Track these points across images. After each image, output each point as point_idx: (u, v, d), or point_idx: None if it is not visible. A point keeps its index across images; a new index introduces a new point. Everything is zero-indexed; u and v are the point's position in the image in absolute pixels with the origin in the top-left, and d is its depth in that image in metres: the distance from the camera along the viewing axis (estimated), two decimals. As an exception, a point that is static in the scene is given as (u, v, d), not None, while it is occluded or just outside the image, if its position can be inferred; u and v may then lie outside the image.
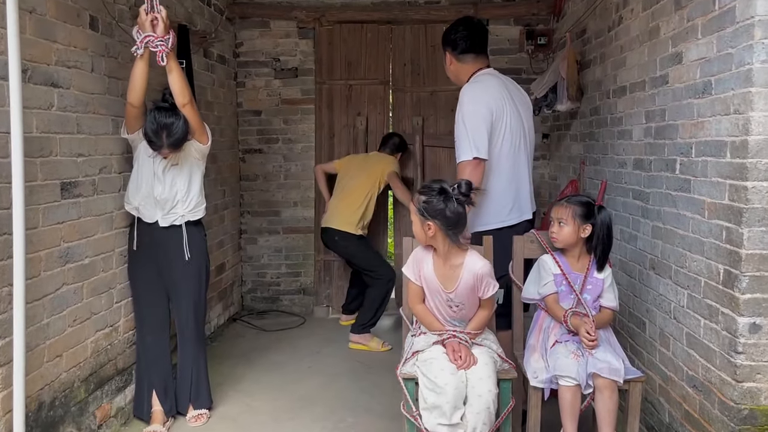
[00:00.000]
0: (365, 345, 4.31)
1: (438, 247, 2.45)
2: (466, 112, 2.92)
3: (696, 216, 2.47)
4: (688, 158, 2.54)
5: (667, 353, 2.74)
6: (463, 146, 2.88)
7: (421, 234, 2.43)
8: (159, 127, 2.78)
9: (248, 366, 3.93)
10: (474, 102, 2.94)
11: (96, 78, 2.87)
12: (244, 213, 5.20)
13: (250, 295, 5.27)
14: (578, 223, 2.57)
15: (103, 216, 2.94)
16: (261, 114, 5.12)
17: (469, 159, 2.85)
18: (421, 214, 2.39)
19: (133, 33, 2.63)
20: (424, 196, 2.39)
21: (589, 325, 2.44)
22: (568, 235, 2.58)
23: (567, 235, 2.58)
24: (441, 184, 2.40)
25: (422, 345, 2.44)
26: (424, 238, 2.44)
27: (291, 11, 4.95)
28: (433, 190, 2.39)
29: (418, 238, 2.49)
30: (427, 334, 2.49)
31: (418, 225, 2.43)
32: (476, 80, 3.08)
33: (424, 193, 2.41)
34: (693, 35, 2.49)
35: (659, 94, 2.84)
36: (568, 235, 2.58)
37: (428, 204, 2.37)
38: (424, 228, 2.40)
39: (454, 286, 2.44)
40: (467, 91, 3.00)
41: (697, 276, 2.46)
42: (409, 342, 2.57)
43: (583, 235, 2.58)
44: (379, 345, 4.30)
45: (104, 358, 2.95)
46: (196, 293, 3.10)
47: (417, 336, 2.52)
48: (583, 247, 2.64)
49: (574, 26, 4.18)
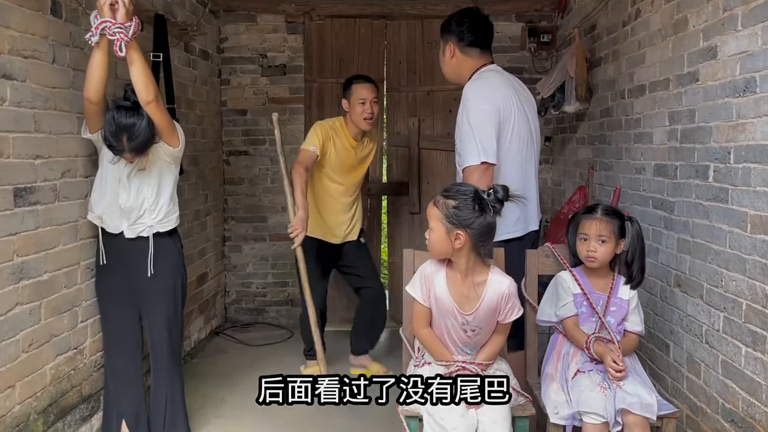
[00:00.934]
0: (365, 370, 3.79)
1: (459, 261, 2.13)
2: (471, 111, 2.61)
3: (735, 230, 2.19)
4: (724, 164, 2.27)
5: (696, 381, 2.46)
6: (469, 149, 2.58)
7: (445, 245, 2.09)
8: (118, 129, 2.46)
9: (231, 387, 3.62)
10: (480, 99, 2.64)
11: (58, 70, 2.55)
12: (228, 219, 4.88)
13: (234, 307, 4.95)
14: (616, 239, 2.29)
15: (66, 225, 2.62)
16: (246, 113, 4.80)
17: (476, 164, 2.55)
18: (450, 221, 2.07)
19: (91, 18, 2.32)
20: (454, 200, 2.07)
21: (615, 353, 2.16)
22: (609, 254, 2.31)
23: (607, 254, 2.30)
24: (473, 188, 2.11)
25: (427, 379, 2.12)
26: (446, 249, 2.11)
27: (279, 4, 4.64)
28: (465, 195, 2.08)
29: (436, 250, 2.13)
30: (432, 364, 2.17)
31: (441, 234, 2.08)
32: (480, 77, 2.78)
33: (453, 197, 2.08)
34: (731, 27, 2.22)
35: (687, 93, 2.56)
36: (608, 253, 2.30)
37: (459, 210, 2.05)
38: (451, 238, 2.07)
39: (473, 307, 2.13)
40: (472, 87, 2.70)
41: (737, 297, 2.18)
42: (411, 371, 2.24)
43: (619, 251, 2.31)
44: (380, 371, 3.78)
45: (66, 385, 2.63)
46: (170, 311, 2.78)
47: (420, 367, 2.20)
48: (607, 264, 2.36)
49: (582, 22, 3.91)
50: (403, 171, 4.78)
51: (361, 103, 3.46)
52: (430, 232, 2.13)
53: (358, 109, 3.47)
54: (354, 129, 3.55)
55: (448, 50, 2.83)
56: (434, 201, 2.13)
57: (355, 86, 3.52)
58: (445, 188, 2.16)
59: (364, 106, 3.46)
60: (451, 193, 2.11)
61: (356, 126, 3.52)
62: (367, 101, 3.46)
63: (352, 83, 3.55)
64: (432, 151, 4.75)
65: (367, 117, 3.47)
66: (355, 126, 3.53)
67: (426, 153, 4.76)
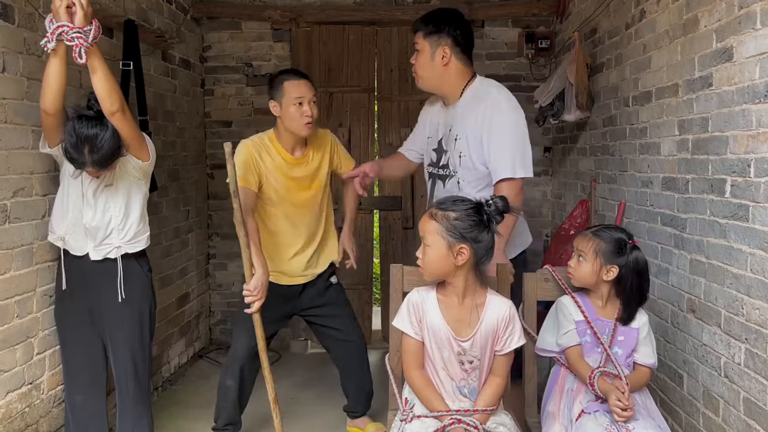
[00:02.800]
0: (360, 430, 3.23)
1: (457, 282, 1.93)
2: (513, 119, 2.47)
3: (758, 251, 1.96)
4: (743, 178, 2.04)
5: (715, 419, 2.22)
6: (510, 160, 2.42)
7: (444, 263, 1.89)
8: (79, 140, 2.24)
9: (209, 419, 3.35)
10: (518, 109, 2.52)
11: (10, 79, 2.33)
12: (213, 236, 4.65)
13: (218, 328, 4.70)
14: (601, 261, 2.05)
15: (18, 249, 2.39)
16: (231, 125, 4.58)
17: (517, 177, 2.42)
18: (452, 235, 1.86)
19: (46, 23, 2.09)
20: (454, 212, 1.88)
21: (621, 391, 1.92)
22: (586, 275, 2.08)
23: (584, 274, 2.09)
24: (473, 199, 1.93)
25: (416, 437, 1.86)
26: (445, 268, 1.90)
27: (264, 11, 4.42)
28: (466, 204, 1.90)
29: (433, 269, 1.92)
30: (422, 419, 1.92)
31: (442, 250, 1.87)
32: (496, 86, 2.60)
33: (451, 209, 1.89)
34: (749, 25, 1.99)
35: (699, 100, 2.34)
36: (585, 273, 2.08)
37: (462, 222, 1.86)
38: (453, 253, 1.87)
39: (471, 331, 1.93)
40: (507, 95, 2.54)
41: (761, 328, 1.94)
42: (397, 429, 1.97)
43: (606, 277, 2.07)
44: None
45: (20, 424, 2.39)
46: (136, 341, 2.54)
47: (408, 422, 1.93)
48: (611, 289, 2.12)
49: (582, 26, 3.69)
50: (396, 184, 4.55)
51: (297, 103, 2.72)
52: (427, 249, 1.91)
53: (293, 112, 2.72)
54: (289, 139, 2.82)
55: (441, 54, 2.57)
56: (430, 214, 1.91)
57: (288, 84, 2.75)
58: (439, 201, 1.98)
59: (302, 108, 2.72)
60: (448, 205, 1.91)
61: (292, 134, 2.79)
62: (304, 101, 2.73)
63: (283, 80, 2.77)
64: (426, 163, 4.52)
65: (308, 120, 2.74)
66: (290, 135, 2.80)
67: (420, 166, 4.52)
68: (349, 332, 3.06)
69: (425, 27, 2.60)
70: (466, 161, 2.55)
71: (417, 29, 2.63)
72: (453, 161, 2.62)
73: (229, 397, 2.94)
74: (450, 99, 2.66)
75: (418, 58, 2.62)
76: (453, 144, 2.60)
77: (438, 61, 2.58)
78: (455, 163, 2.60)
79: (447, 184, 2.65)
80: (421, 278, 2.06)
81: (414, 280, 2.20)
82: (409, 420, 1.93)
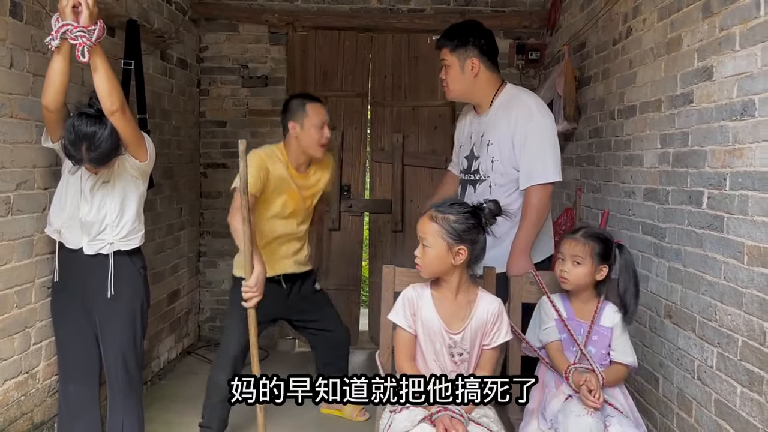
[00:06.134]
0: (338, 410, 3.46)
1: (452, 279, 2.06)
2: (545, 124, 2.56)
3: (731, 260, 2.07)
4: (719, 191, 2.15)
5: (688, 419, 2.33)
6: (543, 165, 2.51)
7: (443, 262, 2.02)
8: (78, 138, 2.28)
9: (197, 413, 3.40)
10: (548, 114, 2.63)
11: (16, 75, 2.39)
12: (204, 234, 4.71)
13: (208, 325, 4.76)
14: (595, 263, 2.16)
15: (20, 241, 2.45)
16: (226, 125, 4.65)
17: (550, 181, 2.52)
18: (452, 236, 1.99)
19: (52, 21, 2.16)
20: (453, 215, 2.00)
21: (588, 389, 2.01)
22: (582, 277, 2.18)
23: (581, 277, 2.18)
24: (470, 203, 2.07)
25: (405, 426, 1.95)
26: (443, 267, 2.03)
27: (262, 14, 4.50)
28: (463, 207, 2.03)
29: (431, 268, 2.05)
30: (411, 409, 2.01)
31: (441, 250, 2.00)
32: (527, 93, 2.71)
33: (450, 212, 2.01)
34: (728, 46, 2.11)
35: (680, 115, 2.45)
36: (582, 276, 2.18)
37: (461, 225, 2.00)
38: (452, 254, 2.00)
39: (462, 325, 2.05)
40: (534, 99, 2.65)
41: (732, 333, 2.05)
42: (386, 419, 2.06)
43: (599, 277, 2.18)
44: (355, 412, 3.44)
45: (16, 412, 2.44)
46: (127, 335, 2.58)
47: (398, 412, 2.03)
48: (593, 290, 2.23)
49: (571, 40, 3.81)
50: (386, 188, 4.64)
51: (318, 126, 2.91)
52: (427, 250, 2.03)
53: (313, 135, 2.91)
54: (299, 157, 2.98)
55: (470, 66, 2.63)
56: (431, 216, 2.04)
57: (311, 107, 2.94)
58: (437, 204, 2.09)
59: (322, 131, 2.92)
60: (447, 208, 2.04)
61: (305, 153, 2.97)
62: (324, 125, 2.94)
63: (306, 103, 2.95)
64: (416, 168, 4.62)
65: (325, 143, 2.95)
66: (302, 154, 2.97)
67: (410, 170, 4.63)
68: (337, 329, 3.29)
69: (450, 42, 2.65)
70: (498, 165, 2.63)
71: (442, 45, 2.67)
72: (485, 166, 2.69)
73: (220, 393, 2.99)
74: (482, 107, 2.73)
75: (449, 73, 2.67)
76: (485, 149, 2.67)
77: (468, 73, 2.64)
78: (487, 168, 2.67)
79: (478, 188, 2.72)
80: (412, 279, 2.17)
81: (405, 280, 2.31)
82: (398, 410, 2.03)
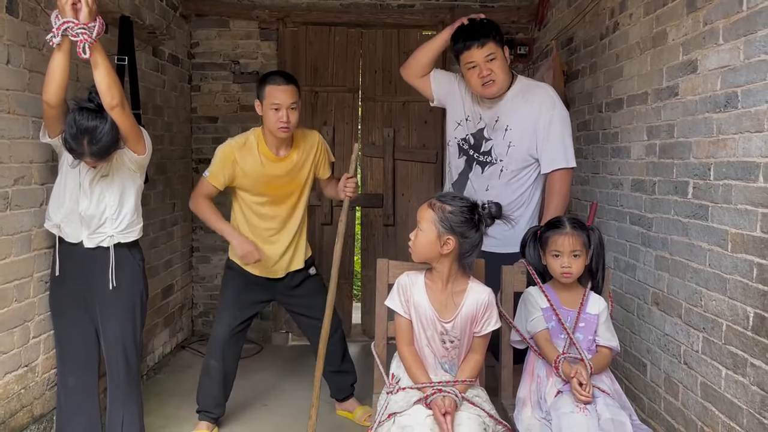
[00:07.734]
0: (350, 413, 3.38)
1: (442, 268, 2.12)
2: (565, 114, 2.72)
3: (715, 248, 2.14)
4: (704, 181, 2.22)
5: (674, 403, 2.40)
6: (562, 151, 2.68)
7: (432, 248, 2.08)
8: (79, 132, 2.32)
9: (194, 406, 3.45)
10: (562, 104, 2.76)
11: (12, 71, 2.41)
12: (197, 229, 4.73)
13: (201, 320, 4.79)
14: (587, 251, 2.23)
15: (18, 235, 2.47)
16: (217, 121, 4.67)
17: (569, 167, 2.68)
18: (443, 225, 2.05)
19: (52, 18, 2.19)
20: (450, 206, 2.07)
21: (582, 375, 2.07)
22: (582, 268, 2.25)
23: (581, 268, 2.25)
24: (470, 199, 2.13)
25: (401, 406, 2.02)
26: (432, 253, 2.10)
27: (252, 10, 4.53)
28: (463, 202, 2.10)
29: (420, 252, 2.12)
30: (407, 390, 2.08)
31: (431, 236, 2.07)
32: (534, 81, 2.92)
33: (448, 203, 2.09)
34: (712, 40, 2.18)
35: (666, 108, 2.52)
36: (582, 267, 2.25)
37: (455, 216, 2.06)
38: (440, 242, 2.06)
39: (453, 314, 2.11)
40: (550, 89, 2.80)
41: (717, 318, 2.13)
42: (383, 400, 2.14)
43: (587, 263, 2.24)
44: (364, 416, 3.28)
45: (16, 405, 2.47)
46: (127, 327, 2.63)
47: (395, 393, 2.10)
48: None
49: (559, 35, 3.87)
50: (378, 182, 4.69)
51: (274, 108, 2.81)
52: (419, 233, 2.11)
53: (270, 116, 2.83)
54: (272, 138, 2.93)
55: (503, 58, 2.72)
56: (429, 203, 2.12)
57: (270, 88, 2.84)
58: (440, 194, 2.17)
59: (278, 114, 2.81)
60: (448, 199, 2.11)
61: (272, 134, 2.91)
62: (282, 107, 2.81)
63: (267, 83, 2.86)
64: (407, 162, 4.67)
65: (282, 126, 2.83)
66: (271, 135, 2.91)
67: (401, 164, 4.68)
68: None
69: (495, 36, 2.69)
70: (514, 151, 2.72)
71: (487, 41, 2.67)
72: (499, 150, 2.76)
73: (213, 375, 3.06)
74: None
75: (500, 65, 2.69)
76: (501, 134, 2.75)
77: (502, 62, 2.72)
78: (502, 152, 2.75)
79: (487, 170, 2.80)
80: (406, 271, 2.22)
81: (399, 273, 2.35)
82: (395, 392, 2.10)
